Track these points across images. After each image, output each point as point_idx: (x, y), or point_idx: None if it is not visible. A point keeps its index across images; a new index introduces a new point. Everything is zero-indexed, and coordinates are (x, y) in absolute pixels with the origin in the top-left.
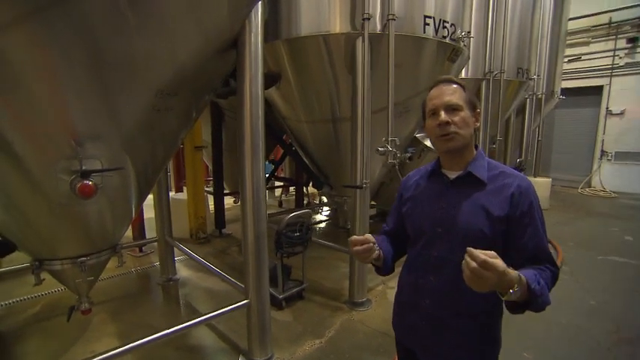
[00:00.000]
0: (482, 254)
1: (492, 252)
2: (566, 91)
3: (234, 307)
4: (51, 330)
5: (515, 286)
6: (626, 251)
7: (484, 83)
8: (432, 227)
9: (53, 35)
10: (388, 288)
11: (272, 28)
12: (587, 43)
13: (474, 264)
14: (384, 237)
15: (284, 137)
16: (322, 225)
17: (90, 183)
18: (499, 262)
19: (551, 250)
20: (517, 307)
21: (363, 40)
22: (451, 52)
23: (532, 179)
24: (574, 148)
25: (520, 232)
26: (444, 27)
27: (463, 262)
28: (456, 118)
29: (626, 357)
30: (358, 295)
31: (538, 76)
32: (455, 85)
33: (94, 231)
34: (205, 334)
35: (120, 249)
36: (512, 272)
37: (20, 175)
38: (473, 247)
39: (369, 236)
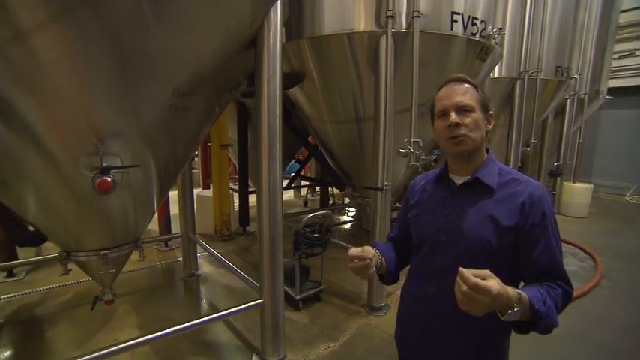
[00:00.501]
0: (472, 277)
1: (486, 271)
2: (613, 91)
3: (248, 306)
4: (80, 317)
5: (515, 306)
6: None
7: (518, 83)
8: (436, 235)
9: (80, 34)
10: None
11: (296, 27)
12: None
13: (464, 287)
14: (390, 244)
15: (309, 138)
16: (347, 226)
17: (108, 179)
18: (492, 284)
19: (590, 263)
20: (521, 327)
21: (387, 39)
22: (481, 50)
23: (570, 185)
24: (622, 153)
25: (531, 246)
26: (474, 24)
27: (455, 284)
28: (467, 120)
29: None
30: (377, 299)
31: (580, 74)
32: (467, 85)
33: (116, 225)
34: (222, 331)
35: (141, 243)
36: (511, 292)
37: (49, 171)
38: (477, 258)
39: (367, 249)
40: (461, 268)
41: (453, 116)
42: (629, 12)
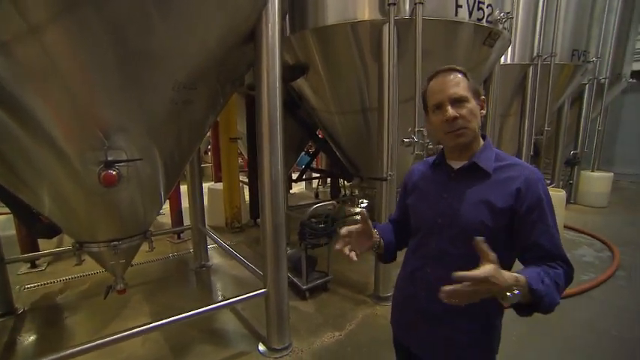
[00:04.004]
0: (467, 274)
1: (488, 268)
2: (638, 74)
3: (253, 295)
4: (96, 306)
5: (514, 288)
6: None
7: (531, 69)
8: (433, 218)
9: (84, 29)
10: None
11: (299, 18)
12: None
13: (465, 288)
14: (389, 226)
15: (318, 132)
16: (358, 217)
17: (113, 172)
18: (487, 269)
19: (607, 253)
20: (524, 309)
21: (390, 27)
22: (488, 35)
23: (588, 174)
24: None
25: (528, 229)
26: (480, 8)
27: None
28: (464, 111)
29: None
30: (383, 289)
31: (599, 57)
32: (458, 75)
33: (125, 217)
34: (230, 320)
35: (150, 235)
36: (507, 275)
37: (59, 166)
38: (472, 240)
39: (359, 225)
40: (455, 273)
41: (450, 110)
42: None
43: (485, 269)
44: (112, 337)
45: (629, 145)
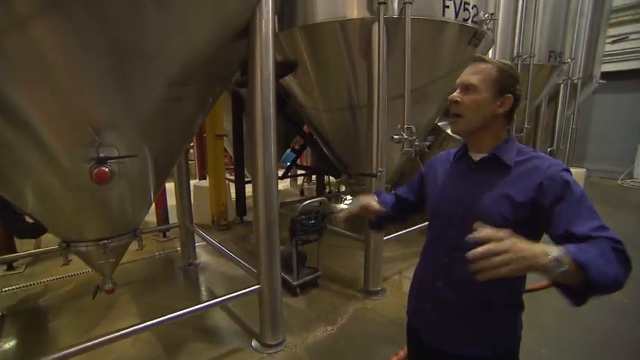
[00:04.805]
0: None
1: (502, 233)
2: (607, 75)
3: (246, 292)
4: (82, 307)
5: (548, 253)
6: None
7: None
8: (451, 208)
9: (73, 26)
10: (404, 277)
11: (288, 16)
12: (635, 21)
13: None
14: (393, 198)
15: (304, 127)
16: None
17: (105, 169)
18: (501, 233)
19: None
20: (576, 295)
21: (379, 25)
22: (473, 35)
23: None
24: (614, 137)
25: (565, 217)
26: (466, 9)
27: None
28: (466, 98)
29: None
30: (373, 284)
31: (573, 59)
32: (483, 65)
33: (114, 215)
34: (222, 318)
35: (139, 233)
36: (534, 244)
37: (46, 161)
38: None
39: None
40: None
41: (455, 93)
42: None
43: (499, 233)
44: (100, 339)
45: (599, 143)
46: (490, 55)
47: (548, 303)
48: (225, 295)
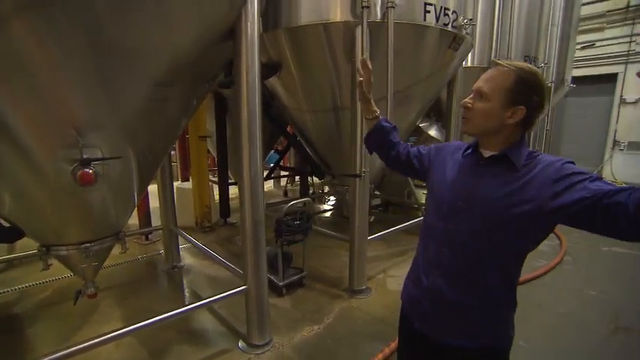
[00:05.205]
0: None
1: None
2: (577, 80)
3: (233, 293)
4: (61, 313)
5: None
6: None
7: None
8: (455, 200)
9: (55, 23)
10: (388, 276)
11: (272, 17)
12: (601, 29)
13: None
14: (398, 138)
15: (288, 128)
16: (327, 214)
17: (90, 171)
18: None
19: (555, 241)
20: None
21: (362, 29)
22: (453, 40)
23: None
24: (585, 138)
25: (591, 189)
26: (446, 14)
27: None
28: (477, 106)
29: (622, 345)
30: (358, 283)
31: (546, 63)
32: (500, 71)
33: (97, 218)
34: (208, 320)
35: (123, 236)
36: None
37: (25, 163)
38: (493, 228)
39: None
40: None
41: (468, 98)
42: (590, 5)
43: None
44: (82, 345)
45: (570, 144)
46: (469, 59)
47: (532, 297)
48: (212, 297)
